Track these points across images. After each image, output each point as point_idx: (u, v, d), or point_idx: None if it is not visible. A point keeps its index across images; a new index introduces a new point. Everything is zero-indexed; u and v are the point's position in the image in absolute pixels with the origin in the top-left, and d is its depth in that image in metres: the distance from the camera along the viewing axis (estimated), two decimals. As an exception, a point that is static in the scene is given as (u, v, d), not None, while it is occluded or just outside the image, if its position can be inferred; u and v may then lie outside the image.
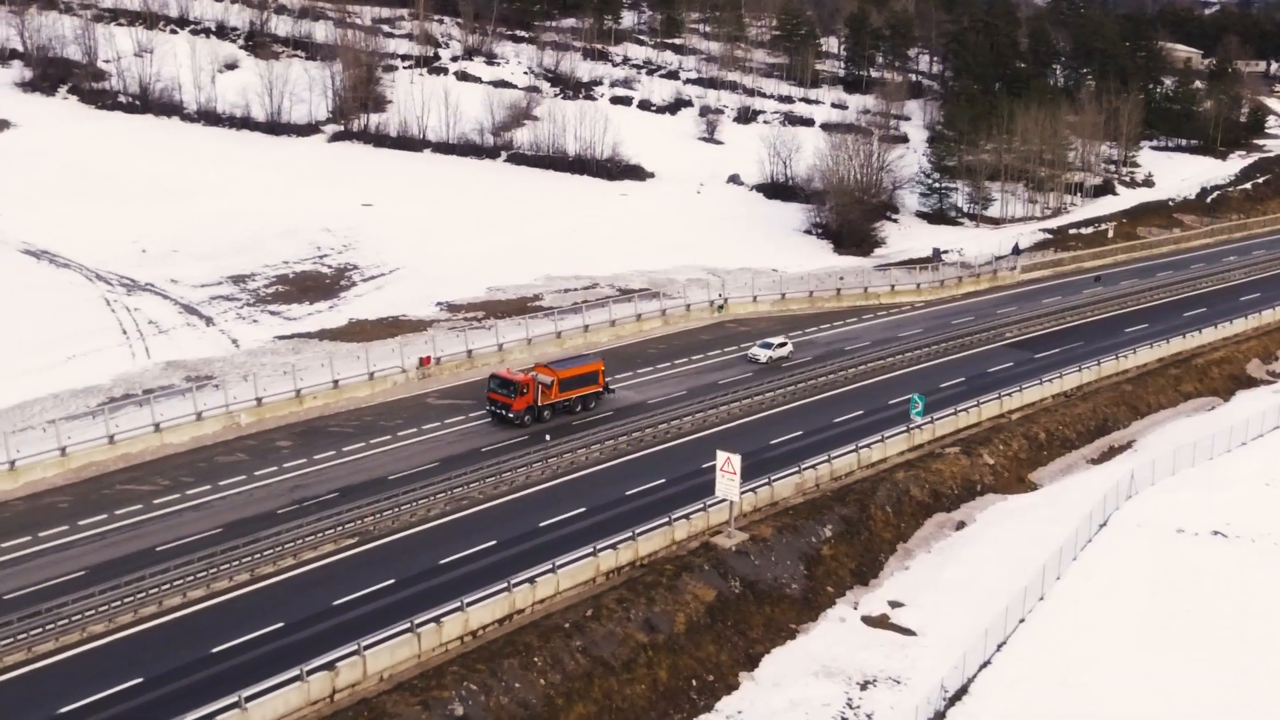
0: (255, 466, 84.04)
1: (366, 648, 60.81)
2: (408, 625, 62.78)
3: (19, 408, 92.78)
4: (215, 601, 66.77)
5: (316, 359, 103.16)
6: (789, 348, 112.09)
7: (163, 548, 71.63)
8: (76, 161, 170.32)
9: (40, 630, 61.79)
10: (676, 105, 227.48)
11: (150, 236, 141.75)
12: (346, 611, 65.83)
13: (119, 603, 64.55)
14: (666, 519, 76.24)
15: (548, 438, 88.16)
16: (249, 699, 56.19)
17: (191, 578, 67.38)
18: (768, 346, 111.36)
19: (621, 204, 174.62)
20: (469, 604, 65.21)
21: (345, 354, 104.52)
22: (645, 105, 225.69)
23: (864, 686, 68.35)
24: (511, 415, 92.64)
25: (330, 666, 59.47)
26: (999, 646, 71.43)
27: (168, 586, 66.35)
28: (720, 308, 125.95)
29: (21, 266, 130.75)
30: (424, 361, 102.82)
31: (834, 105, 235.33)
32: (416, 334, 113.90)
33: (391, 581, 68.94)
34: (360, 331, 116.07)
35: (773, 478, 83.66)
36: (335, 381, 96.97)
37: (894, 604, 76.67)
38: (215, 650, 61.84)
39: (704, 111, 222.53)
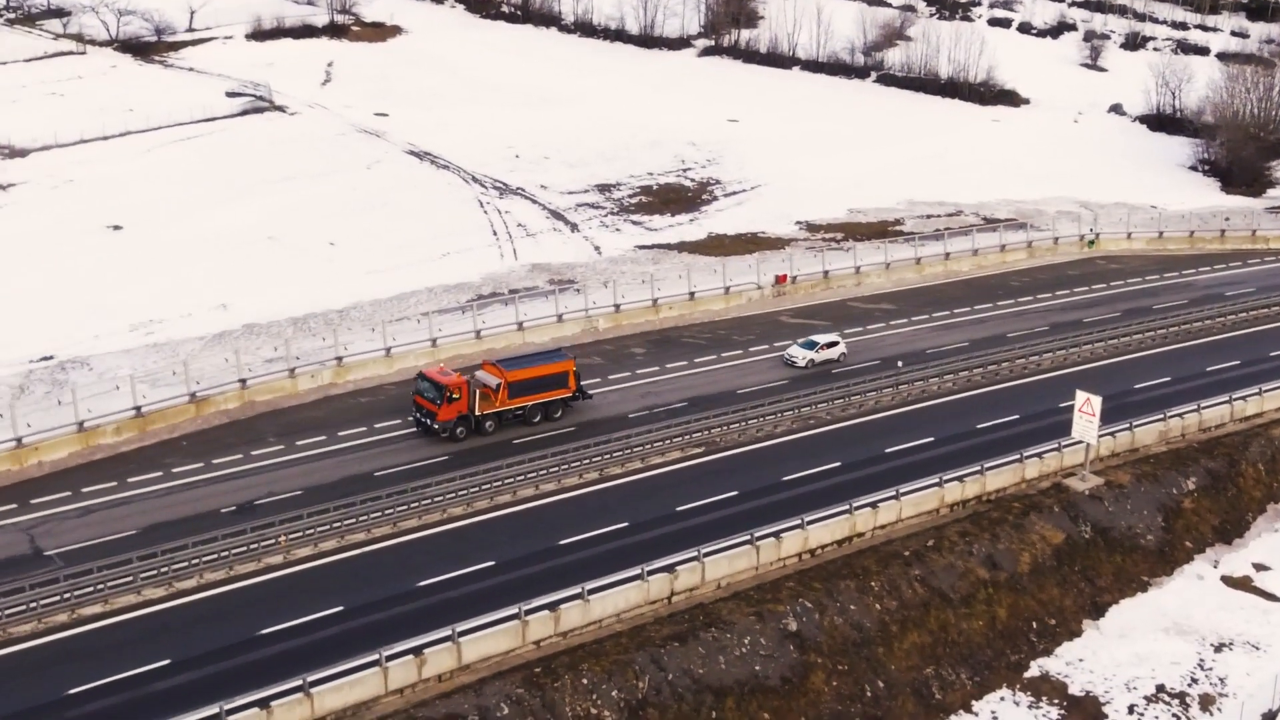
0: (610, 370, 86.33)
1: (706, 555, 61.80)
2: (747, 537, 63.35)
3: (397, 299, 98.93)
4: (564, 496, 69.25)
5: (674, 270, 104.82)
6: (841, 347, 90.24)
7: (519, 441, 74.83)
8: (459, 67, 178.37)
9: (405, 508, 65.72)
10: (1059, 29, 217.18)
11: (523, 143, 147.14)
12: (688, 518, 66.97)
13: (477, 489, 67.91)
14: (1017, 456, 73.79)
15: (900, 364, 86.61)
16: (591, 591, 58.11)
17: (544, 472, 70.12)
18: (811, 346, 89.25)
19: (992, 130, 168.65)
20: (809, 522, 65.17)
21: (702, 267, 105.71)
22: (1025, 28, 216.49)
23: (1218, 649, 64.77)
24: (436, 426, 74.12)
25: (670, 569, 60.73)
26: (1377, 624, 66.24)
27: (521, 479, 69.28)
28: (1091, 243, 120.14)
29: (406, 165, 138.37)
30: (780, 279, 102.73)
31: (1233, 33, 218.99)
32: (774, 251, 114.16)
33: (734, 493, 69.68)
34: (718, 246, 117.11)
35: (1134, 423, 79.45)
36: (691, 293, 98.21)
37: (1259, 566, 72.04)
38: (561, 542, 64.18)
39: (1088, 36, 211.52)
